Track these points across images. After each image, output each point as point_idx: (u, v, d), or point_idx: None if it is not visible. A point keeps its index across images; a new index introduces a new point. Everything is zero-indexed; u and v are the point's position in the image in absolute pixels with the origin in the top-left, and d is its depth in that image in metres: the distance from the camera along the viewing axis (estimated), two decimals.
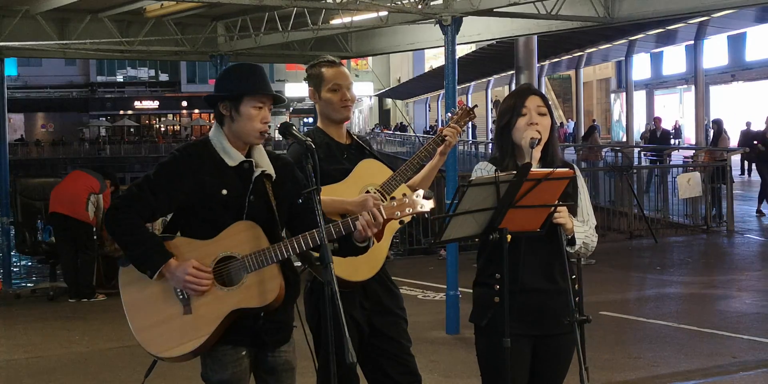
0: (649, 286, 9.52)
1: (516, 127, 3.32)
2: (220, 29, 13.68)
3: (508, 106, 3.38)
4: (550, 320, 3.29)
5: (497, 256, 3.22)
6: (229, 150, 3.23)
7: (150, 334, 3.22)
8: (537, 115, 3.32)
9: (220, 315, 3.13)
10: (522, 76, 16.72)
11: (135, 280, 3.20)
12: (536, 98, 3.36)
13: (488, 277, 3.33)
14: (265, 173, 3.26)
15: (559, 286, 3.28)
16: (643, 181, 15.98)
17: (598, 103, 49.99)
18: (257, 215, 3.20)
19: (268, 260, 3.11)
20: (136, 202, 3.18)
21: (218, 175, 3.20)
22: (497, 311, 3.27)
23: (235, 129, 3.23)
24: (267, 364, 3.31)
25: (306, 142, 3.12)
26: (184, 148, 3.28)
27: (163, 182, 3.19)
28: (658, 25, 20.05)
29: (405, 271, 9.99)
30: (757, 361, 6.44)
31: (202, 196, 3.18)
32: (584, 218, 3.39)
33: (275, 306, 3.15)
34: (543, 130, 3.32)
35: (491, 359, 3.33)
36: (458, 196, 3.00)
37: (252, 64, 3.36)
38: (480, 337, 3.40)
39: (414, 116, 59.05)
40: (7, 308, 9.39)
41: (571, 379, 3.42)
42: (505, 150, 3.36)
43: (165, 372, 6.15)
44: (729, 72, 34.02)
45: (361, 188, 3.77)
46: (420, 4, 9.27)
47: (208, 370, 3.26)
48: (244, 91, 3.21)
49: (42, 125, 63.58)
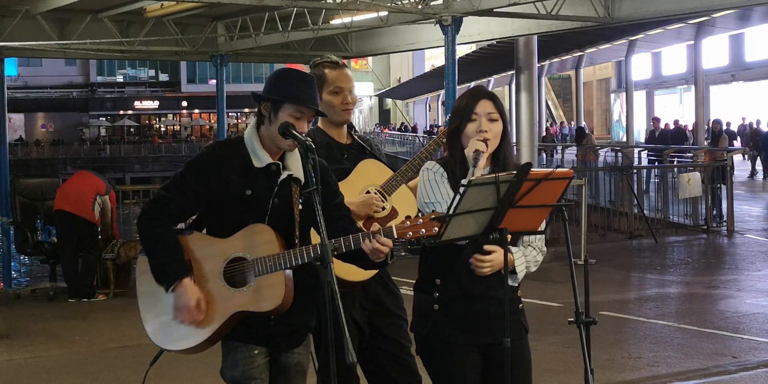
0: (649, 286, 9.52)
1: (465, 132, 3.24)
2: (220, 29, 13.69)
3: (458, 109, 3.30)
4: (497, 328, 3.12)
5: (442, 261, 3.19)
6: (259, 152, 3.22)
7: (157, 324, 3.25)
8: (487, 121, 3.24)
9: (224, 315, 3.15)
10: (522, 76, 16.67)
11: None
12: (487, 103, 3.26)
13: (429, 283, 3.24)
14: (293, 177, 3.25)
15: (501, 294, 3.13)
16: (643, 181, 16.00)
17: (598, 103, 50.00)
18: (280, 218, 3.20)
19: (277, 266, 3.12)
20: (166, 205, 3.19)
21: (244, 175, 3.20)
22: (438, 319, 3.20)
23: (270, 132, 3.22)
24: (279, 363, 3.33)
25: (306, 142, 3.11)
26: (214, 146, 3.30)
27: (189, 180, 3.20)
28: (658, 25, 20.05)
29: (405, 271, 9.93)
30: (757, 361, 6.44)
31: (226, 195, 3.19)
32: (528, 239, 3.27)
33: (280, 312, 3.16)
34: (493, 136, 3.23)
35: (444, 371, 3.23)
36: (458, 196, 2.99)
37: (304, 73, 3.31)
38: (423, 347, 3.27)
39: (414, 116, 59.05)
40: (7, 308, 9.38)
41: (575, 380, 3.41)
42: (454, 155, 3.28)
43: (165, 372, 6.15)
44: (729, 72, 34.02)
45: (361, 188, 3.77)
46: (420, 4, 9.28)
47: (224, 367, 3.30)
48: (287, 98, 3.19)
49: (42, 125, 63.56)
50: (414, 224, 3.06)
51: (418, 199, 3.29)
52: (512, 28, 11.80)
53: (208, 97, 40.83)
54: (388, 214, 3.75)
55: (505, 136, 3.30)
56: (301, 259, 3.11)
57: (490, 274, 3.13)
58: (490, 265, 3.12)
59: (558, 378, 5.90)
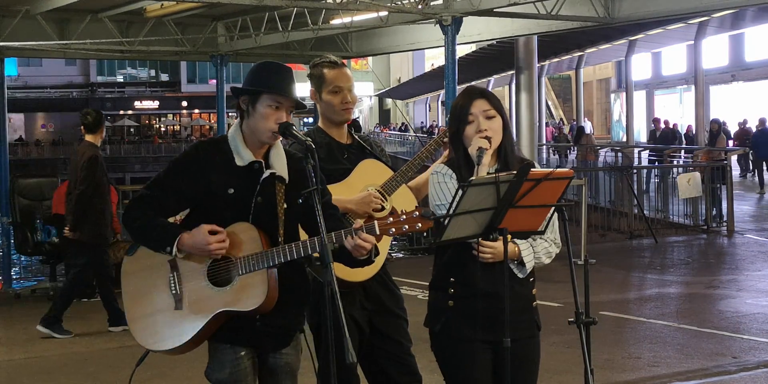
0: (649, 286, 9.52)
1: (465, 135, 3.27)
2: (220, 29, 13.69)
3: (454, 113, 3.32)
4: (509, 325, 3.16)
5: (456, 259, 3.20)
6: (241, 150, 3.22)
7: (141, 325, 3.25)
8: (484, 119, 3.25)
9: (208, 314, 3.14)
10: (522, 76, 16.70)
11: (136, 271, 3.25)
12: (482, 102, 3.27)
13: (444, 280, 3.28)
14: (277, 175, 3.24)
15: (515, 291, 3.20)
16: (643, 181, 16.00)
17: (598, 103, 49.98)
18: (263, 217, 3.19)
19: (260, 264, 3.10)
20: (147, 203, 3.21)
21: (226, 174, 3.19)
22: (451, 315, 3.24)
23: (250, 125, 3.23)
24: (268, 364, 3.31)
25: (306, 142, 3.10)
26: (197, 145, 3.29)
27: (170, 178, 3.22)
28: (658, 25, 20.05)
29: (405, 271, 9.97)
30: (757, 361, 6.44)
31: (209, 194, 3.18)
32: None
33: (264, 311, 3.14)
34: (494, 133, 3.25)
35: (453, 366, 3.27)
36: (458, 196, 2.99)
37: (280, 64, 3.31)
38: (436, 342, 3.33)
39: (414, 116, 59.03)
40: (7, 308, 9.38)
41: (575, 380, 3.42)
42: (458, 158, 3.30)
43: (165, 372, 6.16)
44: (729, 72, 34.00)
45: (361, 188, 3.77)
46: (420, 4, 9.28)
47: (209, 369, 3.27)
48: (262, 88, 3.19)
49: (42, 125, 63.56)
50: (397, 220, 3.04)
51: (430, 201, 3.32)
52: (512, 28, 11.80)
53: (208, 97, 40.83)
54: (388, 214, 3.75)
55: (507, 131, 3.31)
56: (285, 256, 3.09)
57: (492, 261, 3.14)
58: (491, 252, 3.13)
59: (558, 378, 5.89)
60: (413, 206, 3.83)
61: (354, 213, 3.70)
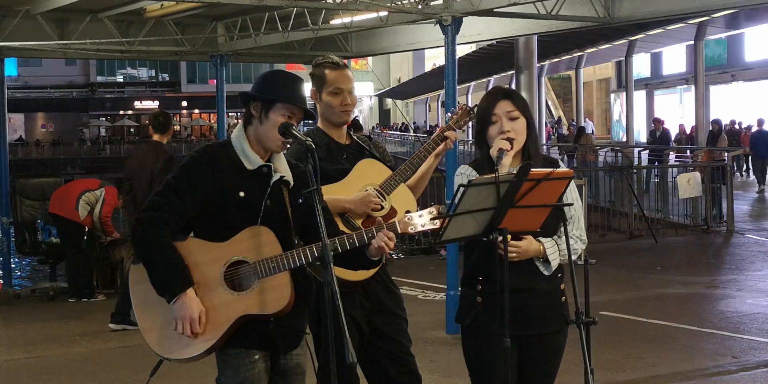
0: (649, 286, 9.51)
1: (489, 134, 3.33)
2: (220, 29, 13.68)
3: (480, 113, 3.40)
4: (535, 320, 3.30)
5: (484, 257, 3.25)
6: (249, 153, 3.22)
7: (158, 334, 3.18)
8: (508, 120, 3.30)
9: (228, 320, 3.11)
10: (522, 76, 16.72)
11: (145, 280, 3.15)
12: (506, 103, 3.33)
13: (472, 277, 3.35)
14: (284, 179, 3.26)
15: (541, 286, 3.30)
16: (643, 181, 15.99)
17: (598, 103, 49.96)
18: (272, 220, 3.19)
19: (280, 267, 3.11)
20: (164, 211, 3.13)
21: (236, 177, 3.19)
22: (480, 311, 3.30)
23: (259, 132, 3.23)
24: (279, 366, 3.31)
25: (306, 142, 3.11)
26: (203, 149, 3.27)
27: (184, 183, 3.16)
28: (658, 25, 20.04)
29: (405, 271, 9.98)
30: (757, 361, 6.45)
31: (220, 197, 3.17)
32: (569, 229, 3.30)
33: (283, 313, 3.15)
34: (517, 134, 3.30)
35: (477, 359, 3.36)
36: (458, 196, 2.99)
37: (293, 73, 3.34)
38: (465, 337, 3.43)
39: (414, 116, 59.03)
40: (7, 308, 9.39)
41: (575, 380, 3.43)
42: (482, 156, 3.39)
43: (165, 372, 6.13)
44: (729, 72, 33.99)
45: (360, 188, 3.77)
46: (420, 4, 9.27)
47: (222, 375, 3.25)
48: (279, 97, 3.20)
49: (42, 125, 63.57)
50: (411, 219, 3.09)
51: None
52: (512, 28, 11.78)
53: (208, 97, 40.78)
54: (387, 214, 3.75)
55: (531, 131, 3.35)
56: (305, 259, 3.11)
57: (517, 260, 3.22)
58: (517, 251, 3.21)
59: (558, 378, 5.86)
60: (412, 205, 3.84)
61: (353, 213, 3.71)
